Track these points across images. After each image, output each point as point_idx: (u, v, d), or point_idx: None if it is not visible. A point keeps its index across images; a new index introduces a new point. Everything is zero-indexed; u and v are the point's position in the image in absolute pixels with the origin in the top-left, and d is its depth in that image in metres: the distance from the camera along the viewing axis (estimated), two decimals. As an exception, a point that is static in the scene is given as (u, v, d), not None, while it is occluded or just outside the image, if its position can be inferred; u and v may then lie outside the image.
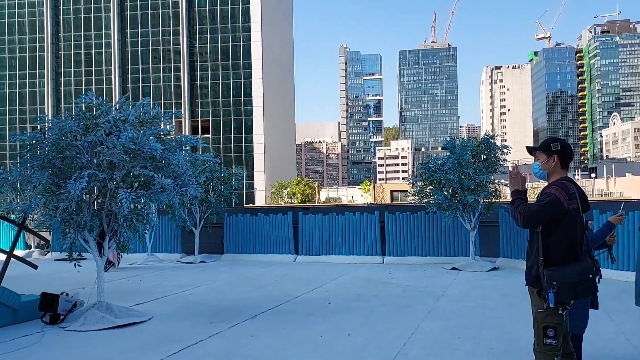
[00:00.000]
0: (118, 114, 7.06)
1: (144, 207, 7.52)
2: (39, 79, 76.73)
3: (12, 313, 6.99)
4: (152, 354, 5.39)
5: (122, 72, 75.43)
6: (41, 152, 7.20)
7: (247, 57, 74.22)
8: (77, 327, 6.64)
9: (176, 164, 7.35)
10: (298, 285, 9.69)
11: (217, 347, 5.61)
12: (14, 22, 76.43)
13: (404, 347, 5.44)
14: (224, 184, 14.39)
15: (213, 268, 12.62)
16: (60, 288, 7.58)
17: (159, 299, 8.62)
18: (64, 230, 7.30)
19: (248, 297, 8.58)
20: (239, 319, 6.90)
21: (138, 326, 6.70)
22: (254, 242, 14.28)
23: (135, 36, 76.04)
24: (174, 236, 15.12)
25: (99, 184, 7.09)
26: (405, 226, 13.00)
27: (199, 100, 74.65)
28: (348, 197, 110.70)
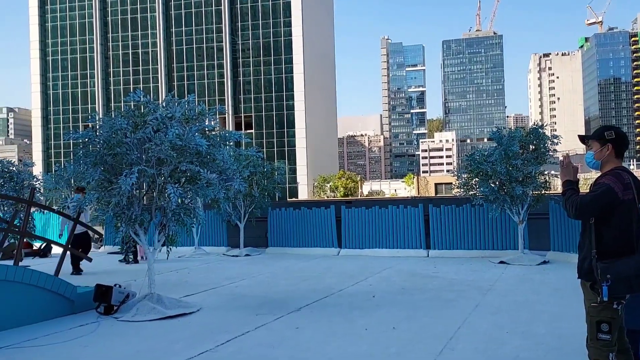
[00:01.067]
0: (165, 112, 7.25)
1: (191, 202, 7.70)
2: (90, 79, 79.60)
3: (69, 304, 7.33)
4: (201, 343, 5.53)
5: (168, 70, 77.30)
6: (93, 149, 7.49)
7: (289, 52, 74.60)
8: (129, 317, 6.89)
9: (221, 159, 7.50)
10: (342, 278, 9.71)
11: (263, 338, 5.71)
12: (65, 25, 79.53)
13: (450, 341, 5.37)
14: (267, 179, 14.57)
15: (258, 261, 12.81)
16: (113, 280, 7.88)
17: (207, 291, 8.83)
18: (116, 224, 7.58)
19: (292, 290, 8.67)
20: (283, 311, 6.99)
21: (187, 317, 6.89)
22: (298, 236, 14.40)
23: (179, 35, 77.71)
24: (219, 230, 15.43)
25: (148, 179, 7.31)
26: (450, 219, 12.80)
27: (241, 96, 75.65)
28: (391, 190, 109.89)
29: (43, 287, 6.98)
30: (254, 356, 5.07)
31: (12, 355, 5.34)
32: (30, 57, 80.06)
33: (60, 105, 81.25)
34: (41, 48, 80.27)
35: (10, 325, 6.46)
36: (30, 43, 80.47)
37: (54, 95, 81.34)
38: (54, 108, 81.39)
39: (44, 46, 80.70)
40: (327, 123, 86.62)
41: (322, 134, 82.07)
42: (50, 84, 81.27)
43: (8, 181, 12.76)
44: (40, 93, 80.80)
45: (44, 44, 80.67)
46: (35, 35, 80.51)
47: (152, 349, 5.42)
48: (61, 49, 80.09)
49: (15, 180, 12.81)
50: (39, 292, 6.93)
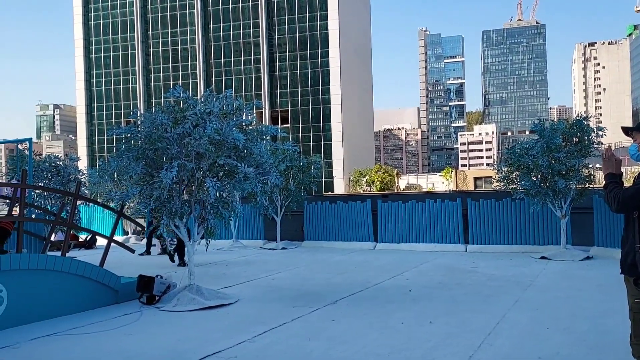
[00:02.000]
0: (203, 107, 7.39)
1: (229, 195, 7.84)
2: (131, 76, 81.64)
3: (113, 293, 7.60)
4: (239, 334, 5.64)
5: (206, 66, 78.46)
6: (135, 144, 7.70)
7: (325, 45, 74.51)
8: (170, 307, 7.09)
9: (258, 153, 7.58)
10: (378, 272, 9.69)
11: (300, 330, 5.77)
12: (107, 23, 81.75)
13: (488, 337, 5.30)
14: (304, 173, 14.65)
15: (294, 254, 12.93)
16: (154, 271, 8.12)
17: (244, 282, 8.98)
18: (157, 217, 7.78)
19: (328, 283, 8.72)
20: (320, 303, 7.04)
21: (226, 308, 7.03)
22: (334, 230, 14.44)
23: (217, 31, 78.72)
24: (256, 223, 15.64)
25: (187, 173, 7.48)
26: (489, 213, 12.57)
27: (278, 90, 76.11)
28: (428, 184, 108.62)
29: (89, 278, 7.26)
30: (290, 347, 5.14)
31: (61, 342, 5.59)
32: (75, 55, 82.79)
33: (104, 101, 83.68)
34: (85, 46, 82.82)
35: (58, 313, 6.75)
36: (75, 41, 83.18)
37: (97, 92, 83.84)
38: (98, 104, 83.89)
39: (88, 44, 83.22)
40: (364, 116, 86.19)
41: (358, 127, 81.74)
42: (94, 80, 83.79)
43: (55, 175, 13.29)
44: (85, 90, 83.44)
45: (87, 42, 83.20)
46: (79, 33, 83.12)
47: (192, 338, 5.57)
48: (104, 46, 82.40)
49: (62, 175, 13.33)
50: (85, 282, 7.21)
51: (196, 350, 5.08)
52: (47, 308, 6.66)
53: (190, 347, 5.19)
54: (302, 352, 4.96)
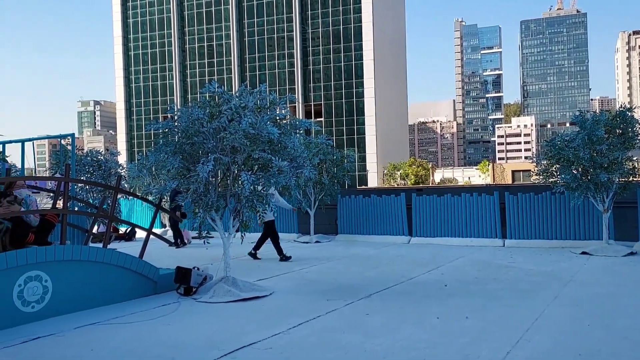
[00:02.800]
0: (238, 101, 7.47)
1: (263, 189, 7.91)
2: (168, 72, 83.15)
3: (152, 284, 7.80)
4: (275, 325, 5.70)
5: (241, 61, 79.15)
6: (172, 139, 7.86)
7: (358, 38, 74.06)
8: (207, 298, 7.23)
9: (292, 146, 7.62)
10: (413, 266, 9.62)
11: (334, 323, 5.79)
12: (145, 21, 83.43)
13: (526, 333, 5.19)
14: (337, 166, 14.64)
15: (328, 248, 12.96)
16: (191, 263, 8.28)
17: (279, 275, 9.07)
18: (194, 210, 7.93)
19: (362, 277, 8.71)
20: (354, 297, 7.04)
21: (261, 300, 7.12)
22: (367, 223, 14.40)
23: (251, 26, 79.25)
24: (290, 217, 15.73)
25: (223, 167, 7.58)
26: (528, 207, 12.29)
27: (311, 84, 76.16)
28: (464, 178, 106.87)
29: (129, 269, 7.47)
30: (325, 340, 5.16)
31: (103, 332, 5.78)
32: (114, 52, 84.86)
33: (142, 97, 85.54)
34: (124, 43, 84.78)
35: (99, 303, 6.97)
36: (114, 39, 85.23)
37: (136, 88, 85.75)
38: (136, 100, 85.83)
39: (126, 41, 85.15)
40: (398, 110, 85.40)
41: (393, 121, 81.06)
42: (133, 77, 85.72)
43: (97, 169, 13.71)
44: (124, 86, 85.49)
45: (126, 39, 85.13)
46: (118, 31, 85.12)
47: (228, 329, 5.66)
48: (142, 43, 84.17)
49: (103, 169, 13.74)
50: (125, 273, 7.42)
51: (232, 340, 5.17)
52: (89, 298, 6.89)
53: (226, 338, 5.28)
54: (337, 345, 4.98)
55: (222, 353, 4.79)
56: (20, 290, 6.13)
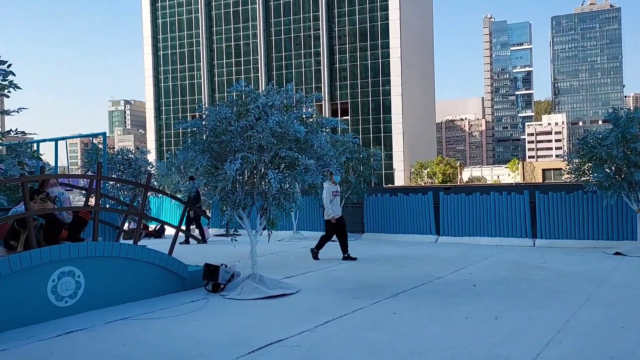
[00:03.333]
0: (265, 100, 7.51)
1: (290, 187, 7.94)
2: (196, 72, 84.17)
3: (181, 281, 7.92)
4: (302, 323, 5.72)
5: (267, 60, 79.57)
6: (200, 137, 7.95)
7: (385, 36, 73.61)
8: (235, 295, 7.30)
9: (318, 145, 7.63)
10: (440, 265, 9.52)
11: (361, 321, 5.78)
12: (174, 21, 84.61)
13: (557, 334, 5.08)
14: (364, 165, 14.60)
15: (354, 246, 12.90)
16: (219, 260, 8.36)
17: (305, 273, 9.09)
18: (221, 208, 8.01)
19: (389, 276, 8.66)
20: (380, 296, 7.01)
21: (287, 297, 7.15)
22: (394, 222, 14.31)
23: (278, 25, 79.60)
24: (316, 215, 15.75)
25: (250, 165, 7.64)
26: (559, 207, 12.02)
27: (337, 83, 76.07)
28: (493, 176, 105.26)
29: (159, 265, 7.60)
30: (352, 338, 5.15)
31: (134, 326, 5.89)
32: (144, 52, 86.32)
33: (171, 97, 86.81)
34: (153, 44, 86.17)
35: (130, 298, 7.11)
36: (144, 39, 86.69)
37: (164, 88, 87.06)
38: (165, 100, 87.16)
39: (156, 42, 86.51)
40: (425, 107, 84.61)
41: (420, 119, 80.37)
42: (162, 77, 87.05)
43: (127, 167, 13.98)
44: (153, 86, 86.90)
45: (155, 39, 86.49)
46: (147, 32, 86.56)
47: (256, 326, 5.71)
48: (170, 44, 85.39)
49: (134, 167, 14.00)
50: (155, 269, 7.55)
51: (260, 337, 5.21)
52: (119, 293, 7.03)
53: (254, 334, 5.33)
54: (364, 343, 4.97)
55: (249, 349, 4.83)
56: (54, 285, 6.30)
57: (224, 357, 4.66)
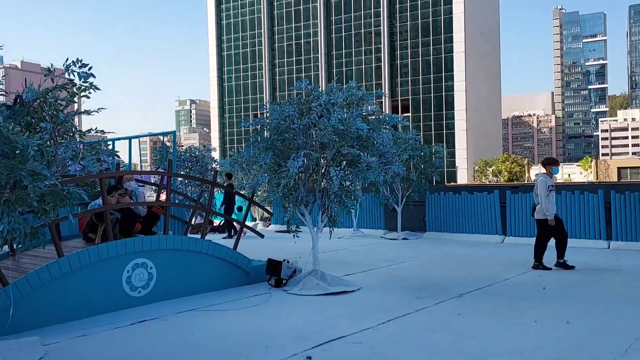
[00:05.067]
0: (327, 98, 7.56)
1: (351, 184, 7.95)
2: (258, 71, 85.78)
3: (245, 275, 8.13)
4: (363, 320, 5.73)
5: (328, 58, 79.88)
6: (263, 135, 8.11)
7: (449, 30, 71.95)
8: (296, 291, 7.41)
9: (380, 142, 7.60)
10: (507, 267, 9.22)
11: (424, 321, 5.70)
12: (237, 22, 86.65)
13: (636, 342, 4.80)
14: (426, 162, 14.37)
15: (416, 245, 12.76)
16: (281, 256, 8.50)
17: (366, 271, 9.08)
18: (284, 205, 8.15)
19: (453, 276, 8.49)
20: (444, 296, 6.89)
21: (349, 295, 7.18)
22: (458, 221, 13.99)
23: (339, 22, 79.68)
24: (377, 213, 15.68)
25: (312, 162, 7.73)
26: (637, 207, 11.31)
27: (398, 79, 75.19)
28: (564, 175, 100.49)
29: (224, 259, 7.84)
30: (415, 338, 5.10)
31: (202, 318, 6.11)
32: (209, 53, 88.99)
33: (234, 96, 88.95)
34: (217, 45, 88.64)
35: (197, 290, 7.38)
36: (209, 40, 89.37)
37: (228, 87, 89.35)
38: (228, 99, 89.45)
39: (220, 43, 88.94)
40: (490, 103, 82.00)
41: (484, 115, 78.00)
42: (225, 77, 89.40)
43: (195, 164, 14.51)
44: (217, 86, 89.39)
45: (219, 40, 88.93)
46: (212, 33, 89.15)
47: (318, 322, 5.77)
48: (234, 44, 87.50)
49: (200, 164, 14.51)
50: (221, 263, 7.80)
51: (322, 333, 5.26)
52: (188, 285, 7.32)
53: (316, 330, 5.39)
54: (428, 344, 4.90)
55: (312, 344, 4.89)
56: (129, 276, 6.65)
57: (287, 350, 4.75)
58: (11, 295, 5.47)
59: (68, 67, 4.85)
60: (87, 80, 4.93)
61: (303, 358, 4.51)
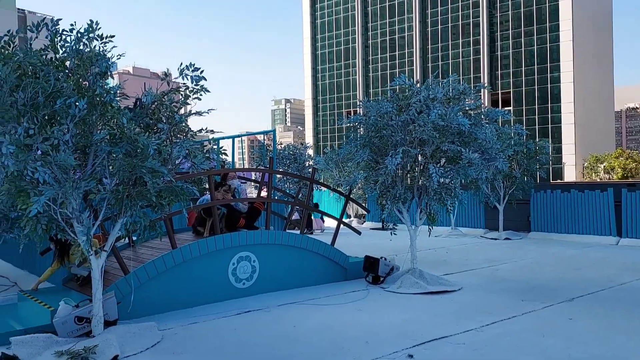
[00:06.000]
0: (427, 93, 7.40)
1: (451, 181, 7.74)
2: (352, 68, 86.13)
3: (342, 271, 8.22)
4: (466, 321, 5.57)
5: (422, 52, 78.33)
6: (361, 132, 8.13)
7: (554, 18, 67.50)
8: (394, 288, 7.36)
9: (483, 138, 7.31)
10: (622, 270, 8.52)
11: (532, 325, 5.42)
12: (332, 20, 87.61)
13: None
14: (530, 159, 13.62)
15: (519, 246, 12.15)
16: (376, 253, 8.50)
17: (466, 271, 8.80)
18: (381, 202, 8.11)
19: (561, 279, 7.99)
20: (553, 300, 6.50)
21: (449, 295, 7.01)
22: (566, 221, 13.13)
23: (435, 15, 77.82)
24: (476, 211, 15.13)
25: (410, 159, 7.62)
26: None
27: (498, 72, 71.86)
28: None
29: (323, 255, 7.99)
30: (523, 342, 4.87)
31: (302, 310, 6.28)
32: (303, 52, 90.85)
33: (327, 94, 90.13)
34: (312, 44, 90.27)
35: (296, 284, 7.59)
36: (304, 40, 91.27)
37: (322, 86, 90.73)
38: (322, 97, 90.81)
39: (314, 42, 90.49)
40: (601, 95, 75.84)
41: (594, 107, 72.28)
42: (319, 75, 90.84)
43: (293, 162, 14.91)
44: (311, 84, 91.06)
45: (314, 39, 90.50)
46: (307, 32, 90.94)
47: (418, 320, 5.70)
48: (328, 42, 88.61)
49: (298, 162, 14.88)
50: (320, 259, 7.96)
51: (423, 332, 5.19)
52: (287, 279, 7.55)
53: (417, 329, 5.32)
54: (537, 348, 4.66)
55: (414, 343, 4.84)
56: (234, 268, 7.00)
57: (388, 347, 4.74)
58: (132, 282, 5.97)
59: (182, 71, 5.20)
60: (198, 83, 5.24)
61: (405, 356, 4.49)
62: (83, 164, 4.85)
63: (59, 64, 4.79)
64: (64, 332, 5.01)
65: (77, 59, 4.75)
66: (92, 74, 4.77)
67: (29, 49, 4.59)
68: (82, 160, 4.86)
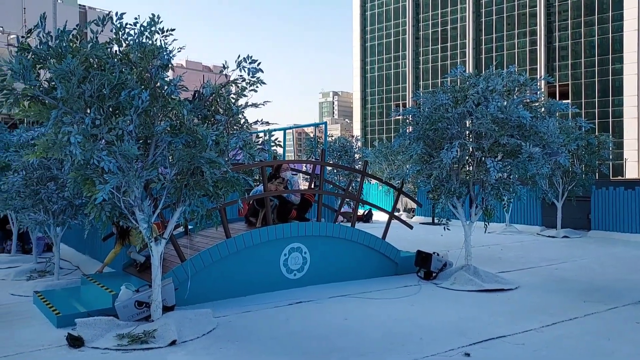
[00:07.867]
0: (486, 85, 7.17)
1: (509, 176, 7.49)
2: (401, 60, 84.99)
3: (393, 265, 8.13)
4: (524, 321, 5.39)
5: (476, 43, 76.29)
6: (413, 125, 7.97)
7: (618, 7, 64.17)
8: (448, 285, 7.22)
9: (545, 131, 7.02)
10: (694, 274, 8.01)
11: (595, 327, 5.18)
12: (382, 12, 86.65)
13: None
14: (592, 154, 13.02)
15: (578, 244, 11.66)
16: (428, 248, 8.35)
17: (523, 269, 8.53)
18: (434, 196, 7.95)
19: (626, 280, 7.61)
20: (617, 302, 6.20)
21: (505, 293, 6.80)
22: (630, 220, 12.49)
23: (489, 5, 75.59)
24: (533, 208, 14.64)
25: (466, 153, 7.42)
26: None
27: (556, 63, 69.07)
28: None
29: (374, 248, 7.92)
30: (586, 345, 4.66)
31: (354, 303, 6.25)
32: (353, 45, 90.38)
33: (376, 86, 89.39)
34: (361, 36, 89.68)
35: (347, 277, 7.58)
36: (353, 32, 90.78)
37: (370, 78, 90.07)
38: (370, 89, 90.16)
39: (364, 34, 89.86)
40: (668, 87, 71.57)
41: (660, 100, 68.32)
42: (368, 67, 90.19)
43: (344, 155, 14.87)
44: (360, 77, 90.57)
45: (363, 32, 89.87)
46: (357, 25, 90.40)
47: (474, 318, 5.55)
48: (377, 34, 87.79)
49: (349, 154, 14.83)
50: (370, 252, 7.90)
51: (479, 330, 5.06)
52: (338, 271, 7.54)
53: (473, 327, 5.19)
54: (601, 353, 4.45)
55: (470, 341, 4.72)
56: (285, 259, 7.05)
57: (443, 344, 4.65)
58: (189, 270, 6.12)
59: (239, 63, 5.24)
60: (255, 75, 5.28)
61: (461, 354, 4.38)
62: (145, 154, 4.99)
63: (123, 57, 4.93)
64: (124, 315, 5.19)
65: (140, 51, 4.87)
66: (154, 67, 4.88)
67: (95, 42, 4.74)
68: (143, 150, 5.00)
